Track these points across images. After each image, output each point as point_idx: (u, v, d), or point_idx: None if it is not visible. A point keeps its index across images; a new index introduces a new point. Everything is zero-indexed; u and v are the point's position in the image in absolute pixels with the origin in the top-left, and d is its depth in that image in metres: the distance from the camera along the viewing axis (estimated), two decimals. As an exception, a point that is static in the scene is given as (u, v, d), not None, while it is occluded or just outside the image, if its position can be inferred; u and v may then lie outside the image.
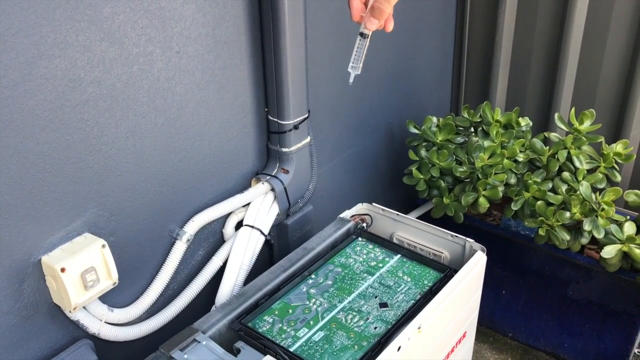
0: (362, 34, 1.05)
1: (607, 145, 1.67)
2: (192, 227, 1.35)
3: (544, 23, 2.01)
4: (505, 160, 1.64)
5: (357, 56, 1.08)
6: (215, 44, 1.30)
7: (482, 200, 1.65)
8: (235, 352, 1.11)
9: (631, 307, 1.61)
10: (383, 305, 1.24)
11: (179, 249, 1.33)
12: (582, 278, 1.67)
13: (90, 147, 1.12)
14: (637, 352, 1.85)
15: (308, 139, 1.55)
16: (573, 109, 1.69)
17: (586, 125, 1.67)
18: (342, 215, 1.50)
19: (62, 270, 1.07)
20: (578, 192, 1.56)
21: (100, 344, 1.22)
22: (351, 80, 1.09)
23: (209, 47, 1.28)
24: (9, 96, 0.97)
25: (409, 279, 1.31)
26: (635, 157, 1.65)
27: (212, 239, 1.44)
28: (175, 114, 1.26)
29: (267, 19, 1.35)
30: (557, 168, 1.65)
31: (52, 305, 1.13)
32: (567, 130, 1.70)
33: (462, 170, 1.68)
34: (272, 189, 1.49)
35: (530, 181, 1.63)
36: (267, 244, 1.55)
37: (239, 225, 1.46)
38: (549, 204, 1.60)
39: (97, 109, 1.11)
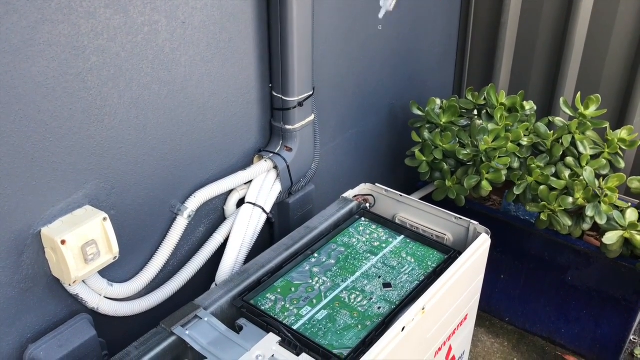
0: None
1: (611, 131, 1.66)
2: (194, 202, 1.33)
3: (550, 6, 1.98)
4: (510, 144, 1.63)
5: None
6: (221, 16, 1.26)
7: (485, 183, 1.64)
8: (238, 329, 1.10)
9: (630, 294, 1.61)
10: (387, 285, 1.22)
11: (180, 225, 1.31)
12: (581, 264, 1.67)
13: (93, 118, 1.09)
14: (633, 338, 1.86)
15: (312, 117, 1.52)
16: (579, 93, 1.67)
17: (591, 110, 1.65)
18: (345, 195, 1.48)
19: (63, 242, 1.04)
20: (581, 177, 1.55)
21: (99, 319, 1.20)
22: (381, 15, 1.13)
23: (214, 18, 1.25)
24: (10, 61, 0.93)
25: (412, 260, 1.30)
26: (639, 143, 1.64)
27: (213, 215, 1.42)
28: (179, 86, 1.23)
29: (275, -8, 1.32)
30: (560, 153, 1.64)
31: (51, 278, 1.11)
32: (571, 114, 1.69)
33: (466, 152, 1.66)
34: (275, 167, 1.47)
35: (533, 165, 1.62)
36: (268, 222, 1.53)
37: (241, 202, 1.44)
38: (552, 189, 1.59)
39: (100, 78, 1.08)
